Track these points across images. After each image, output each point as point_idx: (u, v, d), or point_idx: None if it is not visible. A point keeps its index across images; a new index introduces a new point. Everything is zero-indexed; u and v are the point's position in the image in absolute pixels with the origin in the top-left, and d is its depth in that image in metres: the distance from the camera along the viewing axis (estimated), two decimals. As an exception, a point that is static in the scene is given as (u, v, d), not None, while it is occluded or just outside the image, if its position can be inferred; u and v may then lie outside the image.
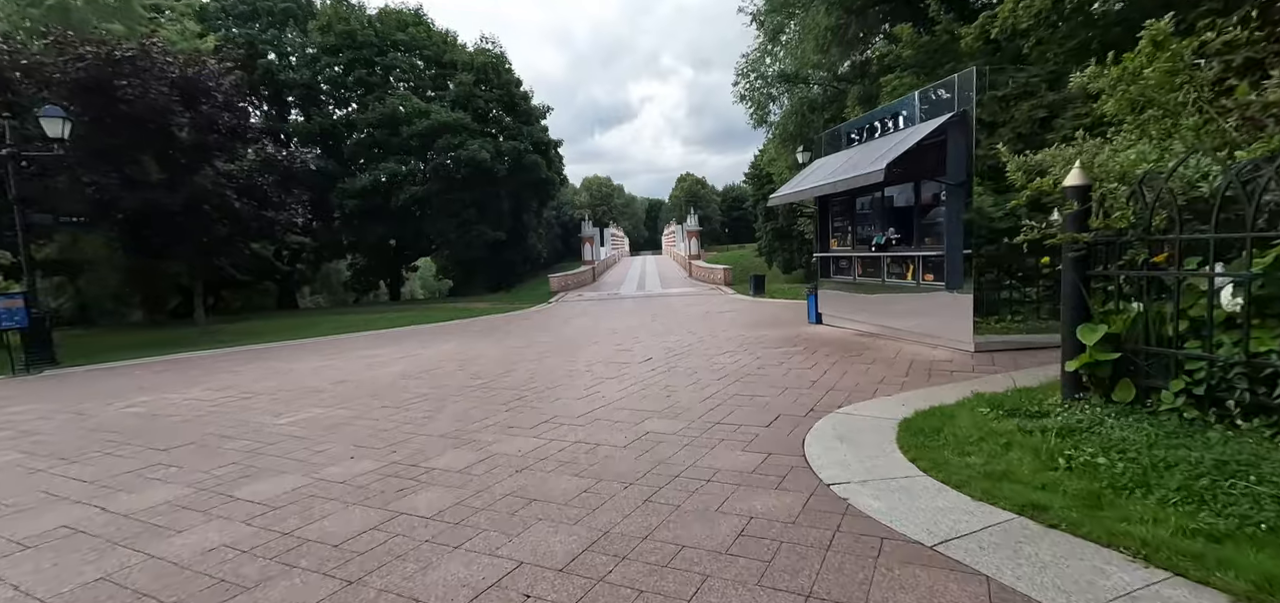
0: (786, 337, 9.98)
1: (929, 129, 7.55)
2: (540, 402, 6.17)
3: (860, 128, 9.84)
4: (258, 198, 16.12)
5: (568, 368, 8.14)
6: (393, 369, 8.95)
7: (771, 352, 8.51)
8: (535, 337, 12.21)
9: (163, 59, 14.34)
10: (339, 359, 10.54)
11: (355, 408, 6.39)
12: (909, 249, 8.82)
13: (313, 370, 9.37)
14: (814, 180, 9.82)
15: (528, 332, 13.35)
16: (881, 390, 5.75)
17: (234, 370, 9.91)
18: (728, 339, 10.12)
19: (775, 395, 5.82)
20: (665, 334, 11.32)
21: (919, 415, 4.67)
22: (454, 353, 10.34)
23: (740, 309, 16.06)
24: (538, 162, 33.04)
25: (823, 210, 11.24)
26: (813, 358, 7.76)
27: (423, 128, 28.34)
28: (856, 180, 7.93)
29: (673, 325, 12.78)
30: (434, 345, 11.68)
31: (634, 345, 10.02)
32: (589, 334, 12.11)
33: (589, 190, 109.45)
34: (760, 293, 22.06)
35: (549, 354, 9.54)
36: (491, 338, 12.49)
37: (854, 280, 10.37)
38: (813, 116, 26.53)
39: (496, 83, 32.28)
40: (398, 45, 31.93)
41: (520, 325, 15.02)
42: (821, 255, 11.30)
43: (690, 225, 40.12)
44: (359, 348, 12.08)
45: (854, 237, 10.34)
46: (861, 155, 9.05)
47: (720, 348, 9.17)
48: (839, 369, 6.91)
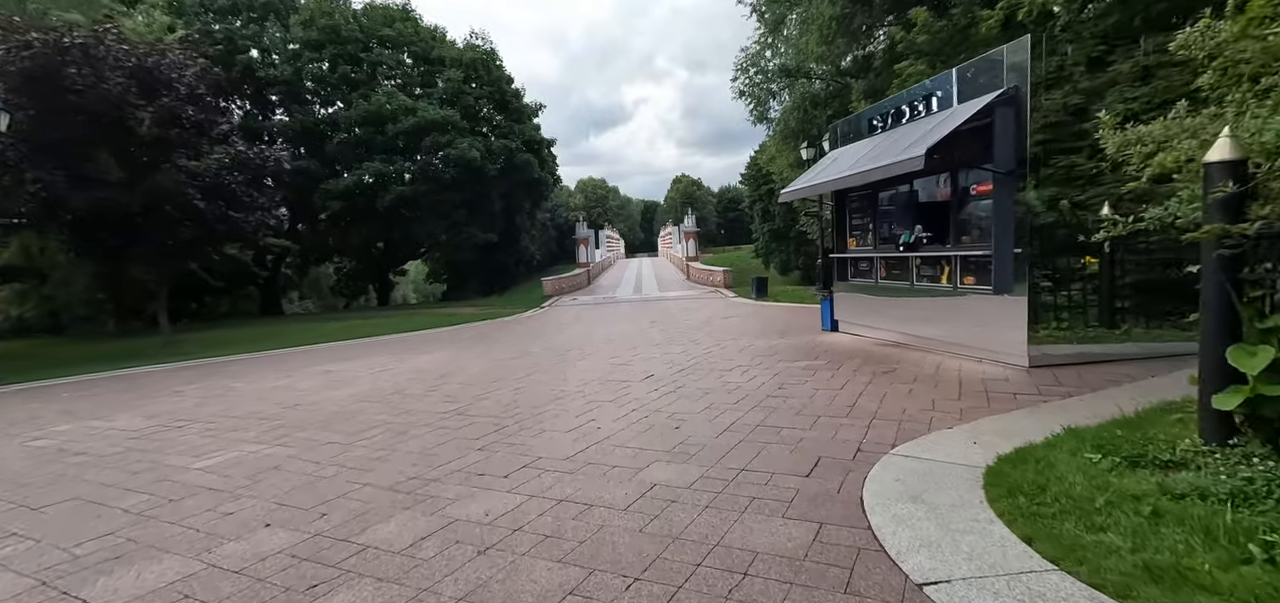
0: (802, 347, 8.92)
1: (973, 110, 6.51)
2: (522, 435, 5.08)
3: (884, 114, 8.80)
4: (225, 198, 14.95)
5: (557, 387, 7.06)
6: (356, 388, 7.84)
7: (790, 366, 7.45)
8: (525, 347, 11.12)
9: (118, 47, 13.19)
10: (301, 375, 9.42)
11: (296, 443, 5.29)
12: (944, 248, 7.79)
13: (265, 391, 8.25)
14: (834, 172, 8.78)
15: (517, 341, 12.26)
16: (938, 420, 4.70)
17: (179, 390, 8.77)
18: (737, 350, 9.06)
19: (807, 427, 4.75)
20: (666, 344, 10.25)
21: (1005, 461, 3.61)
22: (431, 367, 9.24)
23: (744, 314, 15.01)
24: (530, 161, 31.91)
25: (840, 207, 10.21)
26: (839, 374, 6.71)
27: (409, 126, 27.17)
28: (890, 169, 6.88)
29: (674, 334, 11.71)
30: (411, 358, 10.57)
31: (632, 358, 8.94)
32: (583, 344, 11.03)
33: (584, 192, 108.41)
34: (763, 296, 21.03)
35: (538, 369, 8.46)
36: (477, 348, 11.38)
37: (876, 284, 9.33)
38: (815, 112, 25.53)
39: (487, 80, 31.14)
40: (384, 41, 30.78)
41: (510, 333, 13.92)
42: (838, 256, 10.26)
43: (688, 226, 39.09)
44: (328, 361, 10.96)
45: (876, 235, 9.30)
46: (889, 143, 8.01)
47: (730, 361, 8.11)
48: (875, 389, 5.85)
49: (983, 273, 7.08)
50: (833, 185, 8.62)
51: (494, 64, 31.94)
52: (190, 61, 14.74)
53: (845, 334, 10.03)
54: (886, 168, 6.95)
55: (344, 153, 27.91)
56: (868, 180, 7.61)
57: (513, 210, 34.76)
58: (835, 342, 9.30)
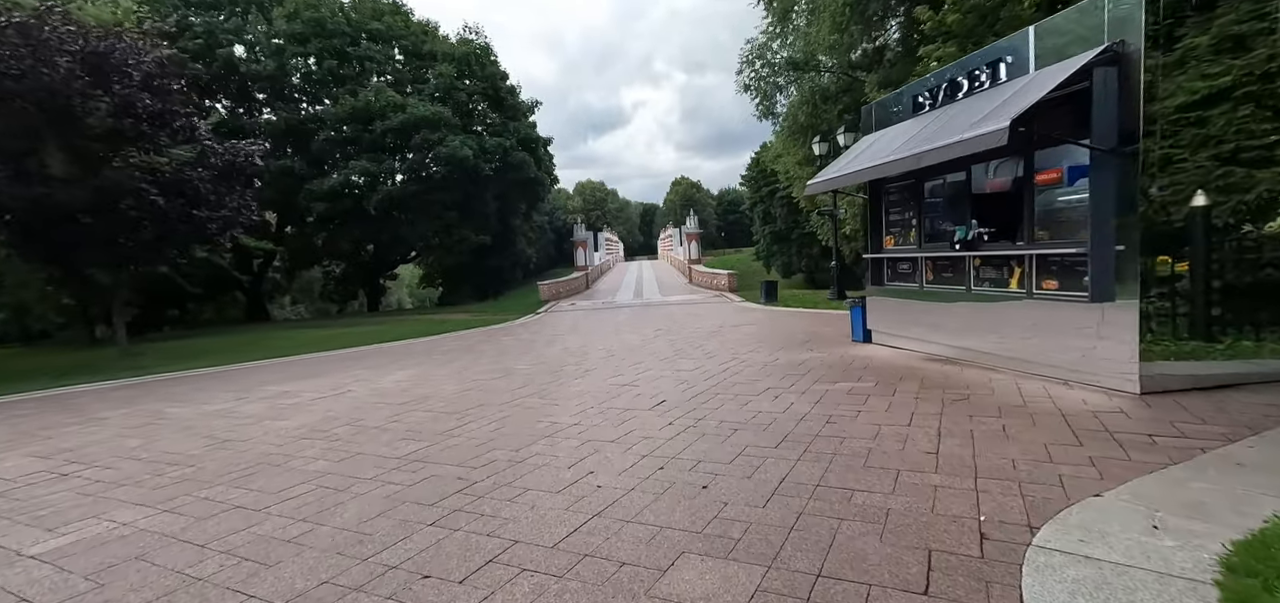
0: (837, 363, 7.60)
1: (1068, 71, 5.21)
2: (495, 496, 3.76)
3: (934, 88, 7.50)
4: (188, 196, 13.61)
5: (548, 418, 5.72)
6: (306, 417, 6.50)
7: (830, 389, 6.12)
8: (513, 361, 9.79)
9: (63, 28, 11.86)
10: (252, 396, 8.08)
11: (193, 509, 3.95)
12: (1014, 247, 6.49)
13: (201, 418, 6.91)
14: (872, 157, 7.46)
15: (506, 353, 10.92)
16: (1071, 480, 3.38)
17: (102, 417, 7.42)
18: (760, 366, 7.73)
19: (888, 489, 3.43)
20: (675, 358, 8.92)
21: (1234, 566, 2.30)
22: (401, 388, 7.90)
23: (757, 322, 13.69)
24: (525, 160, 30.57)
25: (874, 201, 8.89)
26: (897, 401, 5.39)
27: (398, 123, 25.84)
28: (957, 149, 5.57)
29: (682, 344, 10.39)
30: (383, 374, 9.23)
31: (638, 376, 7.61)
32: (580, 357, 9.70)
33: (582, 195, 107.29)
34: (773, 301, 19.72)
35: (525, 391, 7.12)
36: (460, 362, 10.05)
37: (920, 288, 8.02)
38: (825, 107, 24.25)
39: (480, 75, 29.82)
40: (374, 36, 29.47)
41: (499, 343, 12.58)
42: (873, 257, 8.94)
43: (690, 227, 37.79)
44: (289, 378, 9.62)
45: (921, 232, 7.99)
46: (943, 122, 6.71)
47: (755, 381, 6.78)
48: (956, 426, 4.53)
49: (1068, 275, 5.77)
50: (873, 173, 7.30)
51: (488, 59, 30.64)
52: (149, 47, 13.40)
53: (881, 346, 8.72)
54: (953, 147, 5.63)
55: (330, 152, 26.56)
56: (922, 164, 6.29)
57: (508, 212, 33.43)
58: (873, 356, 7.98)
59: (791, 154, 26.08)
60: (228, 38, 26.82)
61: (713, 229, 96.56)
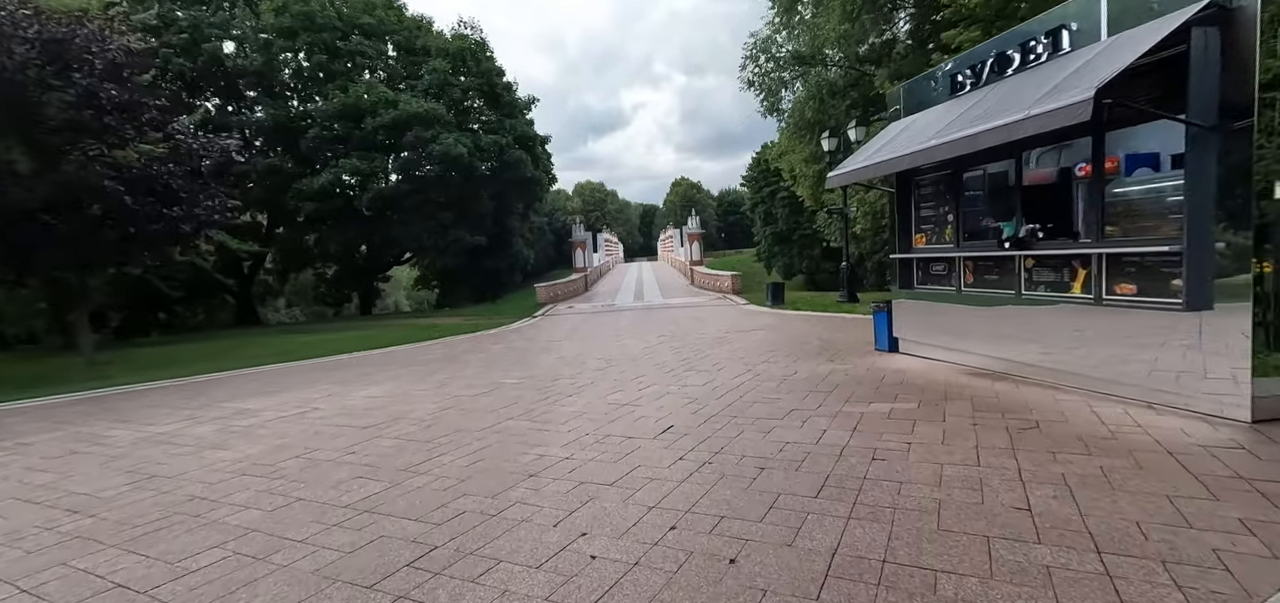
0: (865, 378, 6.69)
1: (1161, 34, 4.31)
2: (454, 576, 2.86)
3: (977, 64, 6.60)
4: (158, 193, 12.71)
5: (533, 450, 4.82)
6: (252, 446, 5.59)
7: (866, 413, 5.22)
8: (502, 373, 8.88)
9: (20, 12, 10.99)
10: (205, 415, 7.17)
11: (61, 587, 3.05)
12: (1076, 244, 5.59)
13: (134, 446, 6.00)
14: (907, 144, 6.57)
15: (495, 363, 10.01)
16: (1236, 559, 2.48)
17: (28, 442, 6.50)
18: (778, 381, 6.83)
19: (980, 571, 2.53)
20: (682, 370, 8.01)
21: None
22: (371, 406, 6.99)
23: (767, 326, 12.78)
24: (522, 158, 29.66)
25: (903, 195, 7.98)
26: (952, 431, 4.48)
27: (389, 120, 24.94)
28: (1026, 126, 4.67)
29: (688, 353, 9.48)
30: (356, 389, 8.32)
31: (640, 394, 6.71)
32: (575, 368, 8.80)
33: (582, 196, 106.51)
34: (779, 303, 18.79)
35: (511, 412, 6.22)
36: (443, 373, 9.14)
37: (958, 292, 7.12)
38: (832, 102, 23.36)
39: (476, 70, 28.92)
40: (366, 31, 28.57)
41: (489, 352, 11.67)
42: (901, 258, 8.04)
43: (691, 228, 36.89)
44: (252, 394, 8.72)
45: (959, 228, 7.10)
46: (994, 101, 5.82)
47: (775, 400, 5.88)
48: (1039, 470, 3.63)
49: (1151, 278, 4.87)
50: (908, 161, 6.39)
51: (484, 55, 29.74)
52: (114, 35, 12.51)
53: (911, 356, 7.82)
54: (1022, 125, 4.72)
55: (319, 150, 25.66)
56: (977, 147, 5.38)
57: (504, 212, 32.53)
58: (905, 368, 7.08)
59: (797, 152, 25.19)
60: (214, 32, 25.92)
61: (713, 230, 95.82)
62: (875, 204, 18.39)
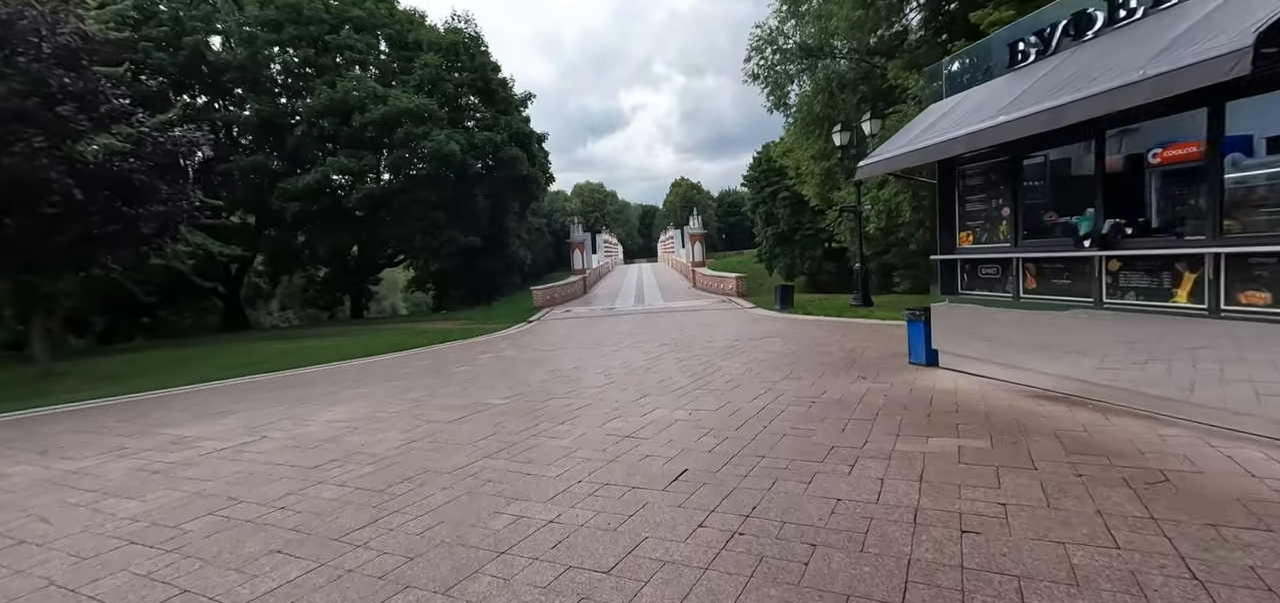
0: (908, 401, 5.64)
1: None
2: None
3: (1048, 28, 5.56)
4: (117, 189, 11.66)
5: (510, 508, 3.78)
6: (172, 492, 4.54)
7: (927, 453, 4.17)
8: (486, 390, 7.83)
9: (-44, -9, 9.95)
10: (133, 448, 6.11)
11: None
12: (1182, 243, 4.56)
13: (25, 492, 4.95)
14: (967, 122, 5.52)
15: (480, 377, 8.96)
16: None
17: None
18: (807, 405, 5.77)
19: None
20: (692, 389, 6.96)
21: None
22: (329, 435, 5.94)
23: (781, 334, 11.72)
24: (517, 155, 28.57)
25: (946, 186, 6.94)
26: (1049, 484, 3.44)
27: (378, 115, 23.87)
28: (1143, 90, 3.64)
29: (697, 367, 8.43)
30: (318, 410, 7.26)
31: (644, 420, 5.66)
32: (571, 385, 7.75)
33: (581, 197, 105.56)
34: (789, 307, 17.72)
35: (490, 446, 5.16)
36: (421, 389, 8.09)
37: (1015, 298, 6.09)
38: (842, 95, 22.31)
39: (470, 66, 27.86)
40: (356, 24, 27.50)
41: (476, 364, 10.62)
42: (943, 259, 7.00)
43: (693, 228, 35.84)
44: (205, 413, 7.66)
45: (1017, 224, 6.06)
46: (1070, 70, 4.79)
47: (809, 432, 4.83)
48: (1211, 556, 2.59)
49: (1295, 285, 3.84)
50: (969, 140, 5.35)
51: (478, 49, 28.68)
52: (68, 18, 11.45)
53: (955, 371, 6.78)
54: (1138, 88, 3.69)
55: (306, 147, 24.60)
56: (1063, 122, 4.33)
57: (501, 212, 31.46)
58: (955, 389, 6.03)
59: (804, 148, 24.15)
60: (197, 26, 24.86)
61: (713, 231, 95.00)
62: (890, 201, 17.36)
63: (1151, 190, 5.02)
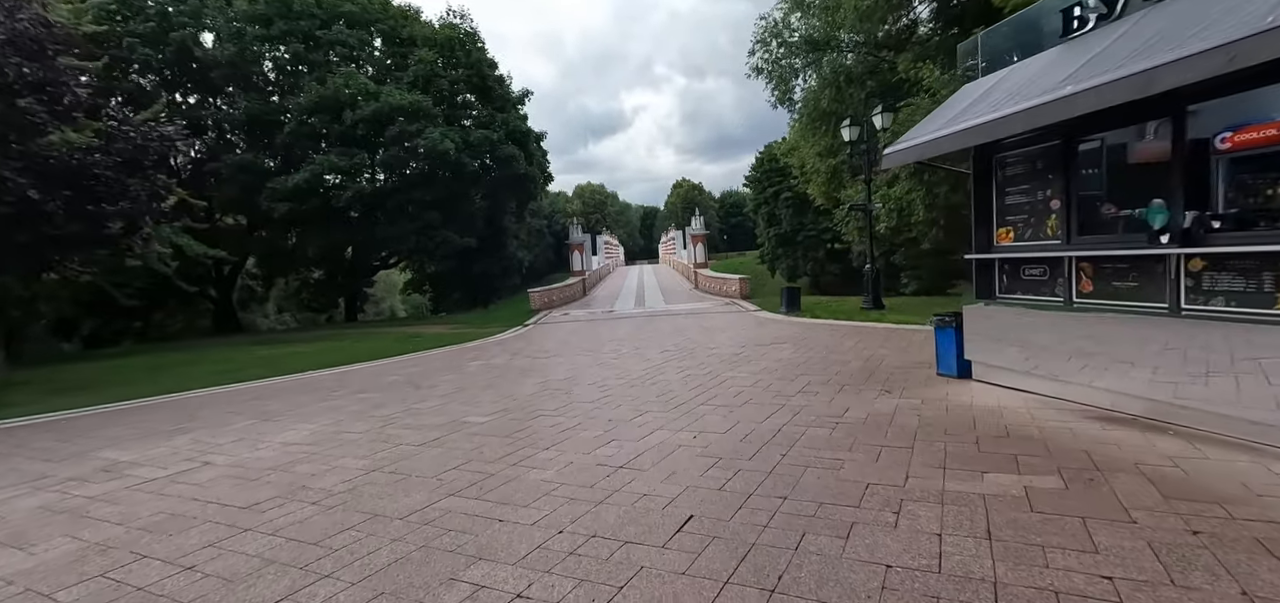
0: (946, 423, 4.85)
1: None
2: None
3: (1112, -13, 4.77)
4: (79, 187, 10.91)
5: (470, 571, 3.00)
6: (55, 549, 3.77)
7: (985, 495, 3.38)
8: (466, 406, 7.05)
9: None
10: (53, 480, 5.34)
11: None
12: None
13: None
14: (1023, 97, 4.74)
15: (463, 389, 8.19)
16: None
17: None
18: (831, 427, 4.99)
19: None
20: (696, 404, 6.17)
21: None
22: (277, 464, 5.16)
23: (790, 339, 10.94)
24: (514, 154, 27.78)
25: (983, 174, 6.16)
26: (1157, 546, 2.65)
27: (369, 112, 23.11)
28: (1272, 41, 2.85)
29: (701, 376, 7.65)
30: (276, 430, 6.49)
31: (640, 444, 4.88)
32: (561, 400, 6.97)
33: (582, 198, 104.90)
34: (796, 310, 16.93)
35: (458, 481, 4.39)
36: (394, 405, 7.32)
37: (1067, 302, 5.30)
38: (850, 90, 21.50)
39: (465, 62, 27.08)
40: (350, 20, 26.73)
41: (462, 374, 9.86)
42: (979, 258, 6.22)
43: (695, 229, 35.06)
44: (149, 434, 6.90)
45: (1070, 218, 5.27)
46: (1157, 32, 4.01)
47: (837, 465, 4.04)
48: None
49: None
50: (1027, 117, 4.55)
51: (474, 45, 27.92)
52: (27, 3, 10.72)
53: (992, 386, 5.99)
54: (1255, 43, 2.90)
55: (295, 146, 23.85)
56: (1156, 88, 3.56)
57: (498, 212, 30.68)
58: (1000, 407, 5.24)
59: (810, 144, 23.35)
60: (185, 21, 24.15)
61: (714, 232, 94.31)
62: (902, 199, 16.56)
63: (1219, 179, 4.25)
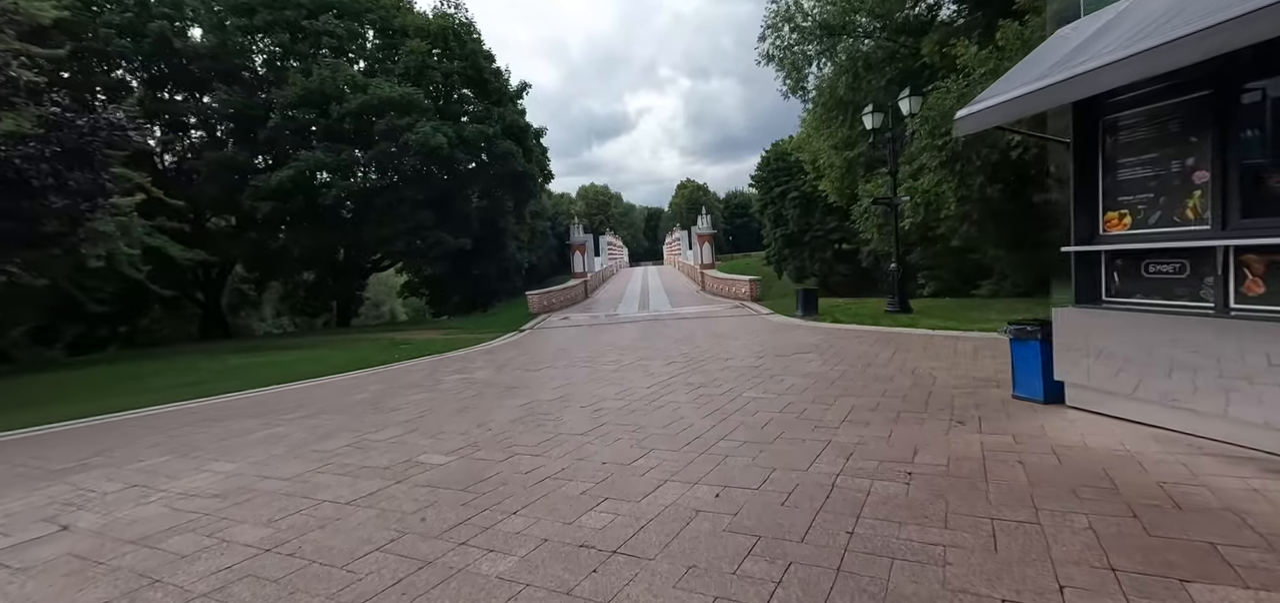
0: (1070, 478, 3.47)
1: None
2: None
3: None
4: (10, 182, 9.65)
5: None
6: None
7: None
8: (427, 441, 5.71)
9: None
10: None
11: None
12: None
13: None
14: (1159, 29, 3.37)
15: (432, 412, 6.85)
16: None
17: None
18: (904, 483, 3.62)
19: None
20: (715, 440, 4.81)
21: None
22: (153, 531, 3.83)
23: (814, 348, 9.56)
24: (512, 150, 26.43)
25: (1083, 141, 4.78)
26: None
27: (356, 105, 21.84)
28: None
29: (719, 400, 6.29)
30: (179, 475, 5.15)
31: (640, 510, 3.52)
32: (545, 430, 5.62)
33: (585, 199, 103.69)
34: (812, 313, 15.51)
35: (377, 574, 3.04)
36: (342, 437, 5.98)
37: (1221, 307, 3.93)
38: (869, 76, 20.06)
39: (460, 53, 25.79)
40: (339, 10, 25.50)
41: (438, 390, 8.53)
42: (1079, 250, 4.83)
43: (701, 228, 33.67)
44: (12, 481, 5.59)
45: (1223, 195, 3.89)
46: None
47: (944, 562, 2.68)
48: None
49: None
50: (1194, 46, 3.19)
51: (469, 36, 26.64)
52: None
53: (1095, 414, 4.62)
54: None
55: (280, 141, 22.62)
56: None
57: (495, 212, 29.35)
58: (1125, 451, 3.87)
59: (824, 136, 21.94)
60: (165, 11, 22.98)
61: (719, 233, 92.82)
62: (930, 191, 15.15)
63: None
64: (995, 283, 21.08)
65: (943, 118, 13.49)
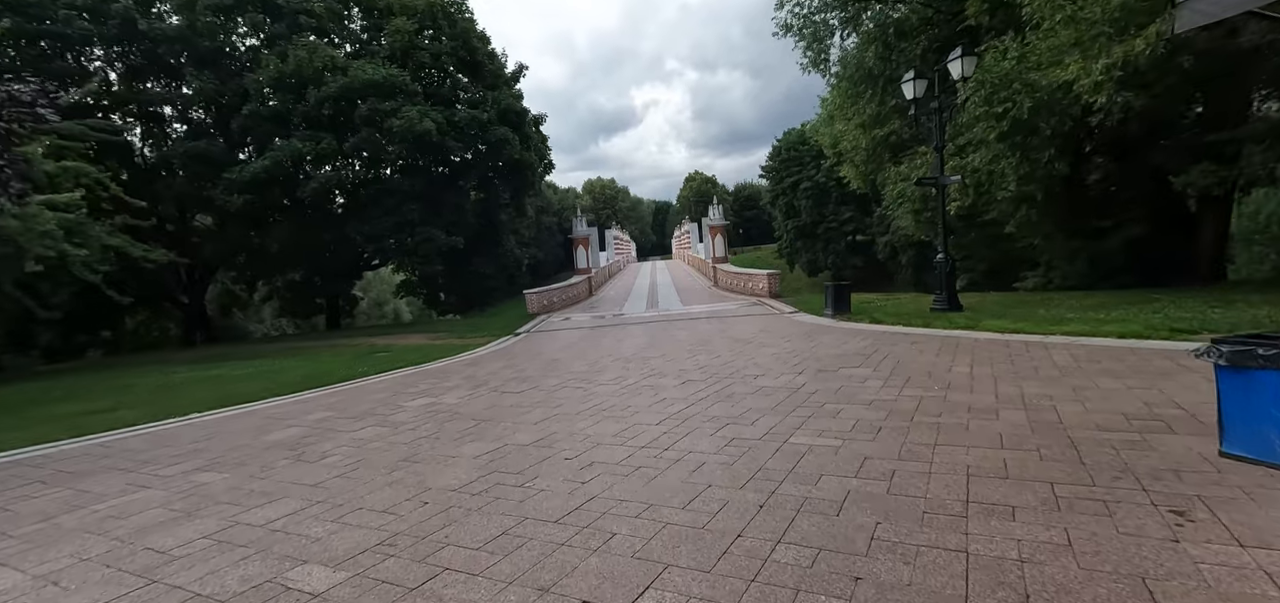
0: None
1: None
2: None
3: None
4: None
5: None
6: None
7: None
8: (327, 528, 3.85)
9: None
10: None
11: None
12: None
13: None
14: None
15: (351, 475, 4.98)
16: None
17: None
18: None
19: None
20: (763, 540, 2.90)
21: None
22: None
23: (863, 358, 7.62)
24: (508, 136, 24.50)
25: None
26: None
27: (336, 89, 20.04)
28: None
29: (757, 447, 4.39)
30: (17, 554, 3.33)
31: None
32: (505, 510, 3.74)
33: (592, 194, 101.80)
34: (844, 311, 13.55)
35: None
36: (206, 516, 4.14)
37: None
38: (903, 45, 17.99)
39: (450, 32, 23.90)
40: (323, -9, 23.70)
41: (390, 421, 6.67)
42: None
43: (713, 219, 31.65)
44: None
45: None
46: None
47: None
48: None
49: None
50: None
51: (460, 14, 24.74)
52: None
53: None
54: None
55: (255, 129, 20.87)
56: None
57: (492, 205, 27.49)
58: None
59: (849, 116, 19.83)
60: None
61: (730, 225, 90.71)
62: (983, 169, 13.10)
63: None
64: (1042, 274, 18.98)
65: (1001, 82, 11.42)
